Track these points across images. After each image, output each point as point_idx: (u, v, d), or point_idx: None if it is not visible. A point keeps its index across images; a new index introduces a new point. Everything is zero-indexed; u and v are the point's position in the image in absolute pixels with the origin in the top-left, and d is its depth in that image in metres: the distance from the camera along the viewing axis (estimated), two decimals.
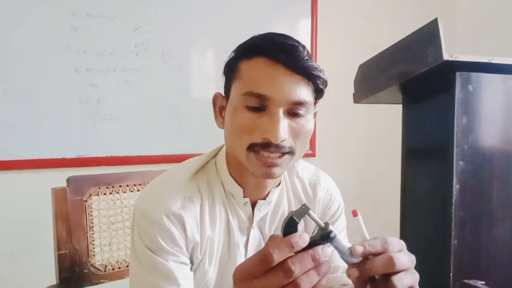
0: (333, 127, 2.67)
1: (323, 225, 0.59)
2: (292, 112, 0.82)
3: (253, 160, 0.82)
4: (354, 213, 0.65)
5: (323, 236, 0.58)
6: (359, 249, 0.59)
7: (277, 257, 0.54)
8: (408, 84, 1.13)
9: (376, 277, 0.63)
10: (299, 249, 0.54)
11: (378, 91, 1.23)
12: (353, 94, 1.34)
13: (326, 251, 0.56)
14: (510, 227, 1.06)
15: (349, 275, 0.61)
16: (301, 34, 2.50)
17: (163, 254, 0.84)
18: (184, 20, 2.14)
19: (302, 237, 0.54)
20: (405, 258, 0.62)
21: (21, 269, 1.86)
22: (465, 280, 1.00)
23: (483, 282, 1.00)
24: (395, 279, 0.61)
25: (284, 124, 0.80)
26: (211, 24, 2.20)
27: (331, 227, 0.58)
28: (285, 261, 0.54)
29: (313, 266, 0.55)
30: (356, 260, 0.61)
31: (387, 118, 1.93)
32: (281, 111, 0.80)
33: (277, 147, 0.80)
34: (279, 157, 0.81)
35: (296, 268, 0.53)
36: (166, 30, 2.10)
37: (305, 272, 0.54)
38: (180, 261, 0.86)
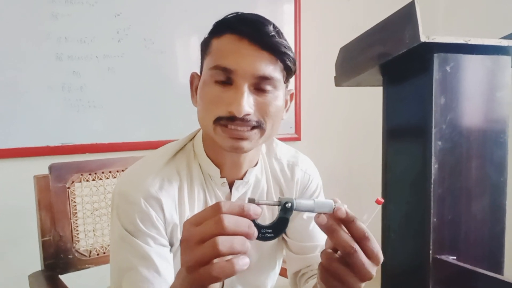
0: (317, 110, 2.69)
1: (277, 202, 0.63)
2: (259, 87, 0.83)
3: (220, 133, 0.84)
4: (378, 202, 0.67)
5: (283, 209, 0.62)
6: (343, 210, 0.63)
7: (225, 208, 0.57)
8: (387, 66, 1.14)
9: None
10: (247, 216, 0.58)
11: (359, 73, 1.24)
12: (335, 77, 1.35)
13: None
14: (488, 203, 1.09)
15: (317, 219, 0.64)
16: (285, 18, 2.50)
17: (141, 236, 0.85)
18: (166, 5, 2.13)
19: (255, 208, 0.59)
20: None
21: (5, 257, 1.86)
22: (437, 256, 1.03)
23: (455, 257, 1.03)
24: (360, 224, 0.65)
25: (249, 99, 0.81)
26: (194, 9, 2.19)
27: (283, 198, 0.62)
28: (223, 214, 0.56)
29: (245, 233, 0.57)
30: (328, 205, 0.63)
31: (371, 100, 1.95)
32: (246, 86, 0.81)
33: (242, 120, 0.82)
34: (248, 130, 0.83)
35: (229, 222, 0.56)
36: (148, 16, 2.09)
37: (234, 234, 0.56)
38: (159, 243, 0.87)
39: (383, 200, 0.65)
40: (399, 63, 1.11)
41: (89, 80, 1.98)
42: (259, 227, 0.61)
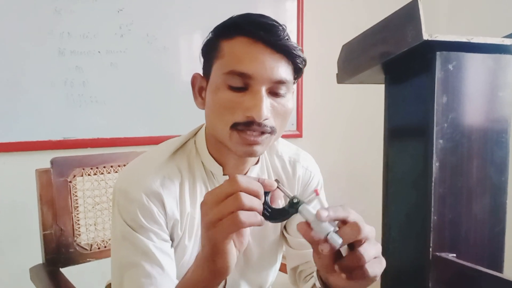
0: (320, 107, 2.69)
1: (291, 195, 0.68)
2: (274, 91, 0.83)
3: (236, 139, 0.83)
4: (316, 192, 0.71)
5: (290, 204, 0.67)
6: (324, 213, 0.63)
7: (241, 180, 0.65)
8: (390, 64, 1.14)
9: (343, 253, 0.66)
10: (263, 186, 0.68)
11: (361, 71, 1.23)
12: (337, 74, 1.35)
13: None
14: (488, 202, 1.09)
15: (321, 250, 0.63)
16: (288, 16, 2.50)
17: (143, 232, 0.86)
18: (169, 1, 2.13)
19: (270, 181, 0.69)
20: (368, 227, 0.66)
21: (6, 251, 1.87)
22: (437, 253, 1.03)
23: (454, 255, 1.03)
24: (361, 249, 0.64)
25: (267, 103, 0.81)
26: (197, 6, 2.19)
27: (298, 197, 0.67)
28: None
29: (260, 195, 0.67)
30: (324, 230, 0.63)
31: (374, 98, 1.94)
32: (263, 90, 0.81)
33: (260, 125, 0.81)
34: (260, 135, 0.83)
35: (245, 198, 0.64)
36: (151, 12, 2.09)
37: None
38: (161, 238, 0.88)
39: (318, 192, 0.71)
40: (402, 62, 1.11)
41: (92, 76, 1.98)
42: (265, 203, 0.69)
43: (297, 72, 0.87)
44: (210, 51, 0.87)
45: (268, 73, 0.81)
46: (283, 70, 0.82)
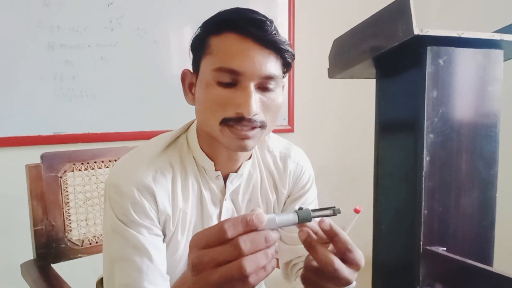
0: (311, 102, 2.69)
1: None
2: (263, 86, 0.83)
3: (227, 134, 0.84)
4: (357, 211, 0.69)
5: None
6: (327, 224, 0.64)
7: (230, 232, 0.55)
8: (380, 59, 1.14)
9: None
10: (253, 227, 0.56)
11: (352, 65, 1.23)
12: (328, 69, 1.35)
13: (276, 236, 0.58)
14: (477, 196, 1.10)
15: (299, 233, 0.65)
16: (279, 10, 2.49)
17: (135, 226, 0.86)
18: None
19: (258, 216, 0.56)
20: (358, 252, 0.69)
21: None
22: (427, 247, 1.03)
23: (445, 249, 1.04)
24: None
25: (256, 98, 0.81)
26: None
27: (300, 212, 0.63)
28: (237, 237, 0.55)
29: (264, 247, 0.56)
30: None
31: (365, 93, 1.95)
32: (252, 86, 0.81)
33: (250, 121, 0.82)
34: (251, 129, 0.83)
35: (246, 245, 0.55)
36: (141, 5, 2.07)
37: (254, 252, 0.55)
38: (152, 233, 0.88)
39: (361, 209, 0.66)
40: (392, 56, 1.11)
41: (82, 70, 1.97)
42: None
43: (286, 66, 0.87)
44: (199, 47, 0.87)
45: (257, 69, 0.81)
46: (272, 66, 0.83)
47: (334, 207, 0.65)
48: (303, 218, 0.62)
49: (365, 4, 2.23)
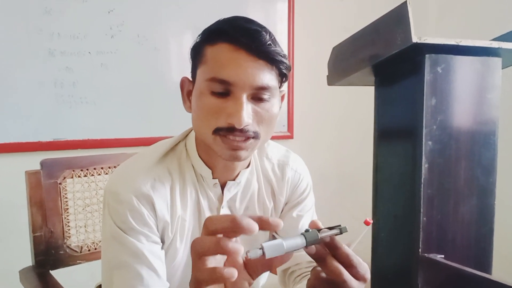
0: (311, 109, 2.69)
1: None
2: (257, 97, 0.83)
3: (220, 143, 0.84)
4: (367, 223, 0.67)
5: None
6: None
7: (213, 224, 0.56)
8: (379, 67, 1.14)
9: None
10: (237, 224, 0.55)
11: (351, 73, 1.24)
12: (327, 76, 1.36)
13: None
14: (476, 204, 1.10)
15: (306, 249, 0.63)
16: (278, 16, 2.50)
17: (133, 234, 0.86)
18: (160, 1, 2.13)
19: (243, 218, 0.55)
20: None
21: None
22: (426, 254, 1.03)
23: (443, 256, 1.04)
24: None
25: (248, 109, 0.81)
26: (187, 6, 2.19)
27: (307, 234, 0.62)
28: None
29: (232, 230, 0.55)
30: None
31: (364, 100, 1.95)
32: (244, 96, 0.81)
33: (242, 131, 0.82)
34: (244, 140, 0.83)
35: (216, 224, 0.55)
36: (142, 12, 2.08)
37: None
38: (151, 240, 0.88)
39: (371, 221, 0.66)
40: (391, 64, 1.11)
41: (82, 76, 1.97)
42: None
43: (282, 76, 0.87)
44: (195, 55, 0.88)
45: (250, 80, 0.81)
46: (266, 76, 0.82)
47: (340, 225, 0.64)
48: (311, 241, 0.61)
49: (364, 12, 2.25)
